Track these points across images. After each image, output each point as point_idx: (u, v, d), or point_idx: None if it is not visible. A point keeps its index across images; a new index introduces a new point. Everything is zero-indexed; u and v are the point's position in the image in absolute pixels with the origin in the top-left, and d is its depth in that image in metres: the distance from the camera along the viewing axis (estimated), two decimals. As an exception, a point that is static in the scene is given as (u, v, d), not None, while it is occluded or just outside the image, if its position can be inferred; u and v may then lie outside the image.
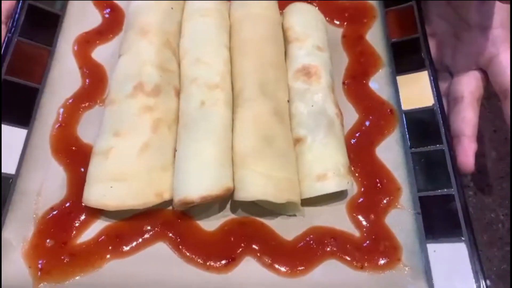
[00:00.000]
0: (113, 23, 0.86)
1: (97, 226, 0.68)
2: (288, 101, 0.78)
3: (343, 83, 0.85)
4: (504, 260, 0.75)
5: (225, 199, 0.71)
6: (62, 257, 0.65)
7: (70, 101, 0.78)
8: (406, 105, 0.80)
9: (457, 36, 0.81)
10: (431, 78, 0.81)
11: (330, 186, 0.69)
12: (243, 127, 0.72)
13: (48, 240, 0.66)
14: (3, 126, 0.71)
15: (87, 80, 0.80)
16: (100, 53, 0.83)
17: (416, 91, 0.81)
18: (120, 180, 0.66)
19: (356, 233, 0.71)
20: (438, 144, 0.75)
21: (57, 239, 0.66)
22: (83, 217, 0.68)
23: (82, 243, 0.67)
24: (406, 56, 0.85)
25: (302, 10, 0.85)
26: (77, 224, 0.68)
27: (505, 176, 0.83)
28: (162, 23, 0.79)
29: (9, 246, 0.65)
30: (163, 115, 0.72)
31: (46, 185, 0.70)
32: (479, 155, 0.85)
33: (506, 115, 0.74)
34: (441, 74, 0.83)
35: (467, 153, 0.73)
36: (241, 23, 0.82)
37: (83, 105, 0.78)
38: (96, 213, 0.68)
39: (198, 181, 0.66)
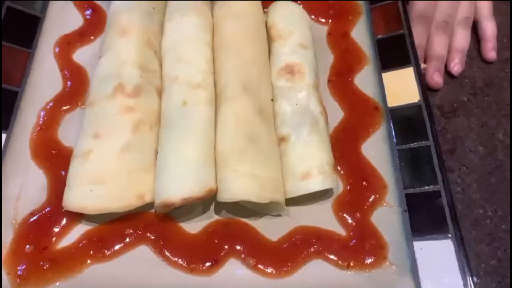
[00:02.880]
0: (94, 24, 0.85)
1: (78, 231, 0.67)
2: (272, 99, 0.77)
3: (329, 80, 0.84)
4: (492, 256, 0.74)
5: (209, 200, 0.70)
6: (42, 263, 0.64)
7: (51, 104, 0.77)
8: (391, 102, 0.80)
9: None
10: (417, 74, 0.80)
11: (315, 184, 0.68)
12: (226, 126, 0.71)
13: (27, 246, 0.65)
14: (-19, 130, 0.70)
15: (68, 83, 0.79)
16: (82, 55, 0.83)
17: (402, 87, 0.80)
18: (100, 182, 0.65)
19: (342, 232, 0.70)
20: (424, 141, 0.74)
21: (36, 244, 0.65)
22: (63, 221, 0.67)
23: (63, 248, 0.65)
24: (391, 53, 0.85)
25: (285, 8, 0.84)
26: (57, 229, 0.67)
27: (493, 172, 0.82)
28: (142, 23, 0.78)
29: (-13, 251, 0.64)
30: (144, 116, 0.71)
31: (25, 189, 0.69)
32: (467, 151, 0.85)
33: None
34: None
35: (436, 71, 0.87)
36: (223, 21, 0.81)
37: (64, 108, 0.77)
38: (77, 217, 0.67)
39: (180, 182, 0.65)
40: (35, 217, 0.67)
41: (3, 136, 0.71)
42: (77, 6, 0.87)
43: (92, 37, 0.84)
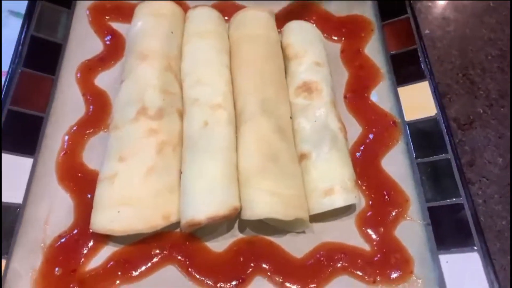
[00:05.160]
0: (114, 49, 0.87)
1: (106, 252, 0.68)
2: (291, 117, 0.78)
3: (345, 97, 0.86)
4: (518, 267, 0.74)
5: (233, 219, 0.70)
6: (71, 285, 0.64)
7: (75, 128, 0.78)
8: (409, 116, 0.81)
9: None
10: (432, 87, 0.81)
11: (338, 200, 0.69)
12: (247, 146, 0.72)
13: (57, 269, 0.65)
14: (9, 156, 0.71)
15: (91, 107, 0.81)
16: (103, 80, 0.84)
17: (418, 101, 0.82)
18: (126, 204, 0.66)
19: (367, 247, 0.70)
20: (444, 153, 0.75)
21: (65, 267, 0.66)
22: (91, 243, 0.68)
23: (91, 270, 0.66)
24: (406, 68, 0.86)
25: (299, 28, 0.86)
26: (85, 251, 0.67)
27: (513, 182, 0.82)
28: (162, 47, 0.80)
29: (17, 276, 0.64)
30: (167, 138, 0.72)
31: (53, 213, 0.70)
32: (486, 162, 0.85)
33: None
34: None
35: None
36: (240, 43, 0.83)
37: (87, 131, 0.78)
38: (104, 239, 0.68)
39: (205, 202, 0.66)
40: (63, 240, 0.68)
41: (30, 161, 0.72)
42: (97, 32, 0.89)
43: (112, 62, 0.86)
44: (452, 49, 1.00)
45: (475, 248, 0.66)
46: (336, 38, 0.93)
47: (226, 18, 0.91)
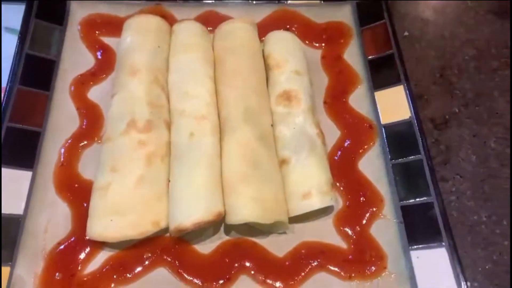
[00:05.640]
0: (105, 64, 0.92)
1: (101, 257, 0.73)
2: (272, 125, 0.83)
3: (324, 102, 0.90)
4: (488, 260, 0.79)
5: (219, 222, 0.76)
6: (71, 289, 0.70)
7: (70, 141, 0.83)
8: (384, 119, 0.85)
9: None
10: (407, 91, 0.86)
11: (315, 203, 0.74)
12: (230, 154, 0.77)
13: (57, 274, 0.71)
14: (9, 170, 0.76)
15: (85, 120, 0.85)
16: (95, 93, 0.89)
17: (394, 105, 0.86)
18: (119, 213, 0.71)
19: (344, 245, 0.75)
20: (417, 155, 0.80)
21: (65, 272, 0.71)
22: (87, 249, 0.73)
23: (89, 274, 0.72)
24: (382, 72, 0.91)
25: (280, 38, 0.91)
26: (82, 257, 0.73)
27: (486, 179, 0.86)
28: (150, 62, 0.84)
29: (21, 282, 0.70)
30: (155, 149, 0.77)
31: (52, 222, 0.76)
32: (461, 160, 0.89)
33: None
34: None
35: None
36: (223, 55, 0.87)
37: (82, 144, 0.83)
38: (99, 245, 0.73)
39: (191, 208, 0.71)
40: (61, 247, 0.73)
41: (29, 174, 0.78)
42: (88, 47, 0.94)
43: (104, 75, 0.91)
44: (431, 50, 1.03)
45: (443, 244, 0.71)
46: (316, 44, 0.97)
47: (210, 28, 0.95)
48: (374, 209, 0.78)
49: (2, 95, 0.83)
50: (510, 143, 0.90)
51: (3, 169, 0.76)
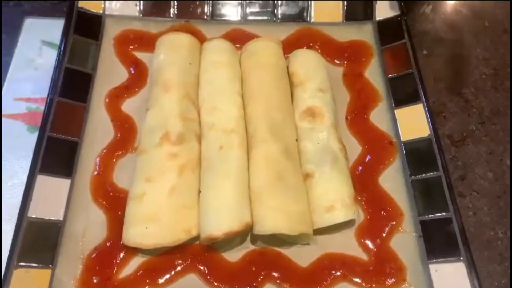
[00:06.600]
0: (138, 78, 0.97)
1: (136, 262, 0.77)
2: (297, 139, 0.87)
3: (346, 118, 0.94)
4: (504, 274, 0.81)
5: (246, 232, 0.80)
6: (108, 292, 0.74)
7: (105, 151, 0.88)
8: (404, 136, 0.89)
9: None
10: (426, 109, 0.89)
11: (338, 216, 0.77)
12: (257, 166, 0.81)
13: (94, 277, 0.76)
14: (50, 177, 0.81)
15: (119, 131, 0.90)
16: (129, 106, 0.94)
17: (413, 122, 0.90)
18: (153, 221, 0.76)
19: (365, 257, 0.79)
20: (435, 171, 0.83)
21: (101, 276, 0.76)
22: (122, 254, 0.78)
23: (123, 278, 0.76)
24: (402, 90, 0.94)
25: (304, 57, 0.95)
26: (118, 261, 0.77)
27: (502, 196, 0.89)
28: (182, 78, 0.89)
29: (61, 284, 0.74)
30: (187, 161, 0.82)
31: (89, 227, 0.80)
32: (477, 177, 0.92)
33: None
34: None
35: None
36: (250, 72, 0.92)
37: (116, 153, 0.88)
38: (134, 250, 0.78)
39: (221, 218, 0.75)
40: (98, 252, 0.78)
41: (68, 182, 0.83)
42: (123, 62, 0.98)
43: (137, 89, 0.96)
44: (448, 68, 1.07)
45: (461, 258, 0.74)
46: (338, 62, 1.01)
47: (237, 45, 1.00)
48: (394, 223, 0.81)
49: (43, 107, 0.88)
50: (526, 161, 0.93)
51: (45, 178, 0.81)
